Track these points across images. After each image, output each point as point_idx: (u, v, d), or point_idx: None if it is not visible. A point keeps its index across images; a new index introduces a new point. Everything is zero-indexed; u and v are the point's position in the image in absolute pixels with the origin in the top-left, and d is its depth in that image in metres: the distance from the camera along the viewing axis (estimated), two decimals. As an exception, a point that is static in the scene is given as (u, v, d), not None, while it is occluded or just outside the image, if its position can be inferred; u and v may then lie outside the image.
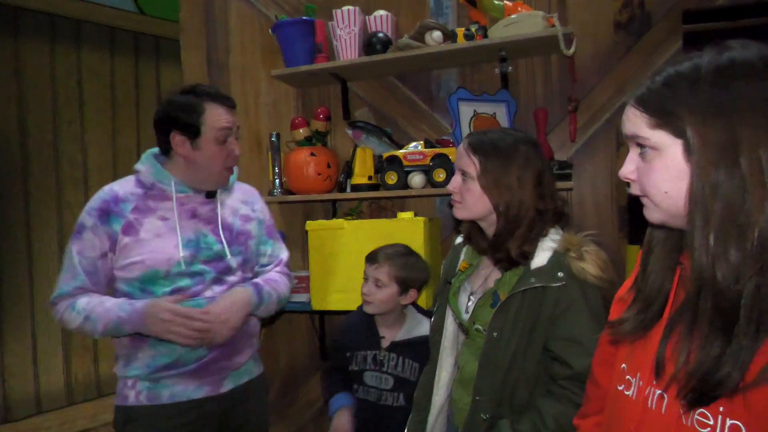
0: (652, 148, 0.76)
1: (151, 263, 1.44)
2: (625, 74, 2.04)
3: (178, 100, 1.49)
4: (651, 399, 0.80)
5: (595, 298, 1.25)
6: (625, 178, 0.83)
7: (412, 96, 2.34)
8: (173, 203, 1.50)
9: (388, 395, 1.74)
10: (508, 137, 1.34)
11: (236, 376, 1.59)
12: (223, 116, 1.49)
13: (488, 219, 1.36)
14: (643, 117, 0.77)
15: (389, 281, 1.72)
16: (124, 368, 1.50)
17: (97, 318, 1.43)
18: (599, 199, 2.09)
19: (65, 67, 3.87)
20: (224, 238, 1.55)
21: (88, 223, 1.46)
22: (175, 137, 1.48)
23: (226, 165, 1.53)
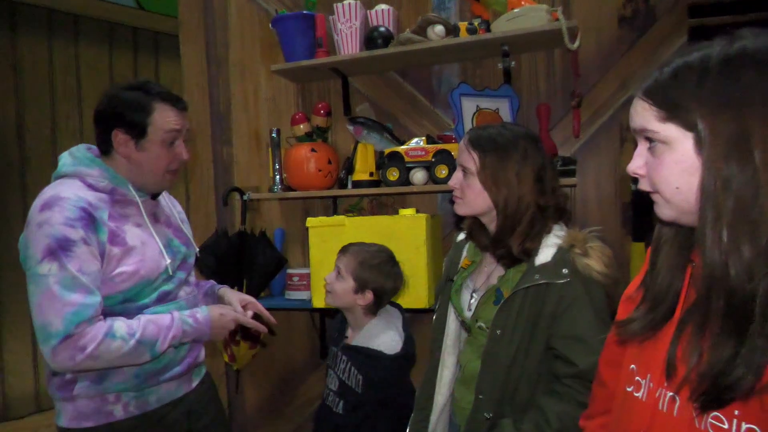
0: (661, 141, 0.74)
1: (144, 272, 1.36)
2: (628, 69, 2.01)
3: (125, 96, 1.37)
4: (662, 401, 0.78)
5: (599, 295, 1.23)
6: (634, 174, 0.81)
7: (413, 91, 2.32)
8: (141, 209, 1.42)
9: (333, 397, 1.69)
10: (507, 132, 1.32)
11: (199, 370, 1.60)
12: (173, 117, 1.39)
13: (489, 215, 1.34)
14: (651, 110, 0.75)
15: (346, 274, 1.67)
16: (95, 386, 1.34)
17: (152, 339, 1.30)
18: (603, 195, 2.07)
19: (63, 62, 3.85)
20: (186, 240, 1.55)
21: (76, 236, 1.25)
22: (118, 135, 1.36)
23: (170, 168, 1.43)
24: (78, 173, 1.36)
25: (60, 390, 1.36)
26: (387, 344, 1.62)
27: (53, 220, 1.25)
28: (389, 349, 1.61)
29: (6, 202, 3.57)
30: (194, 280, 1.62)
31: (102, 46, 4.03)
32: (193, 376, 1.56)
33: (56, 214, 1.25)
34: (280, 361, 2.60)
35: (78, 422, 1.35)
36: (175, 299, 1.46)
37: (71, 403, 1.35)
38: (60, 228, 1.24)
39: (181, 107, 1.43)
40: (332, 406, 1.67)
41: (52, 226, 1.24)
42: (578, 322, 1.21)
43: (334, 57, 2.18)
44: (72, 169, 1.36)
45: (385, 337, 1.63)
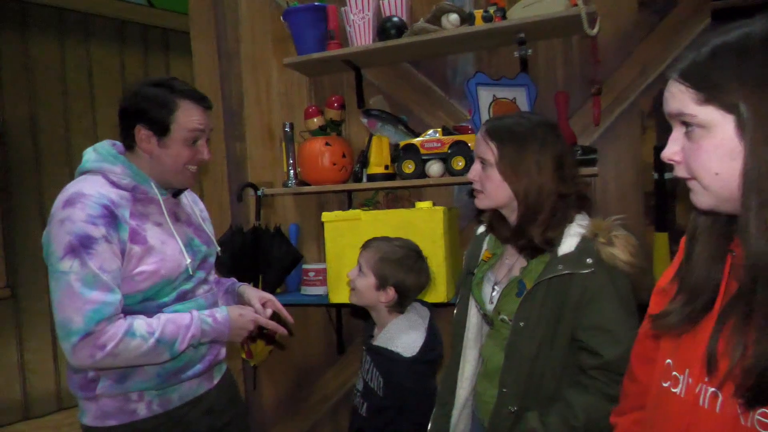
0: (699, 125, 0.71)
1: (165, 272, 1.36)
2: (649, 54, 1.96)
3: (149, 92, 1.37)
4: (703, 397, 0.74)
5: (624, 285, 1.20)
6: (669, 160, 0.77)
7: (427, 82, 2.28)
8: (162, 207, 1.42)
9: (358, 398, 1.64)
10: (524, 121, 1.30)
11: (220, 367, 1.59)
12: (196, 116, 1.39)
13: (510, 206, 1.32)
14: (688, 92, 0.71)
15: (367, 270, 1.60)
16: (118, 385, 1.34)
17: (171, 338, 1.29)
18: (624, 185, 2.03)
19: (75, 61, 3.86)
20: (207, 239, 1.54)
21: (98, 233, 1.24)
22: (141, 131, 1.36)
23: (190, 166, 1.43)
24: (101, 169, 1.36)
25: (82, 389, 1.36)
26: (406, 346, 1.54)
27: (75, 217, 1.25)
28: (407, 351, 1.54)
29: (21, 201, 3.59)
30: (214, 279, 1.61)
31: (113, 44, 4.04)
32: (214, 373, 1.55)
33: (78, 211, 1.25)
34: (297, 357, 2.59)
35: (102, 421, 1.36)
36: (193, 297, 1.45)
37: (94, 403, 1.36)
38: (82, 225, 1.24)
39: (206, 106, 1.43)
40: (358, 407, 1.63)
41: (74, 223, 1.24)
42: (603, 312, 1.18)
43: (346, 49, 2.15)
44: (96, 165, 1.37)
45: (406, 338, 1.56)
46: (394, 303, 1.61)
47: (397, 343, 1.55)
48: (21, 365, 3.59)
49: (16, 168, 3.60)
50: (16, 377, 3.56)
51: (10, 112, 3.58)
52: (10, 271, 3.49)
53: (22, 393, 3.58)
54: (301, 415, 2.61)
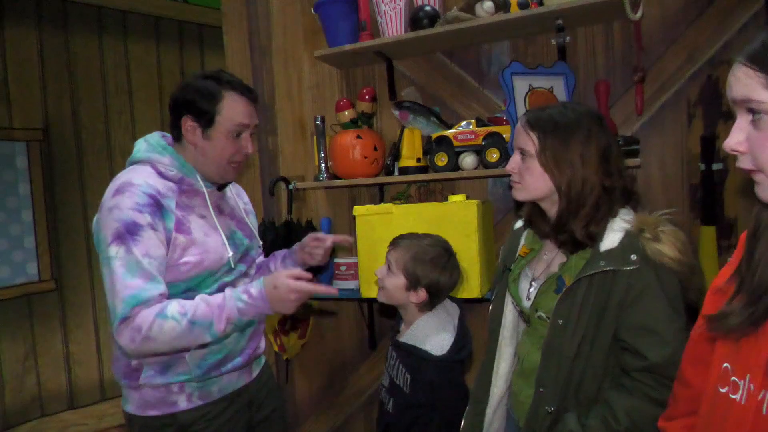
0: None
1: (208, 264, 1.37)
2: (696, 40, 1.86)
3: (197, 84, 1.39)
4: (766, 405, 0.69)
5: (671, 283, 1.13)
6: (733, 151, 0.71)
7: (461, 73, 2.23)
8: (207, 200, 1.43)
9: (384, 393, 1.61)
10: (568, 112, 1.24)
11: (259, 361, 1.61)
12: (242, 109, 1.39)
13: (550, 199, 1.26)
14: (757, 77, 0.65)
15: (397, 269, 1.55)
16: (160, 376, 1.37)
17: (205, 318, 1.26)
18: (668, 177, 1.94)
19: (113, 58, 3.94)
20: (249, 232, 1.55)
21: (144, 221, 1.27)
22: (187, 122, 1.38)
23: (234, 160, 1.43)
24: (150, 160, 1.39)
25: (126, 378, 1.40)
26: (435, 344, 1.50)
27: (123, 204, 1.28)
28: (437, 350, 1.49)
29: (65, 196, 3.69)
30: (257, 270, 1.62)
31: (149, 41, 4.10)
32: (254, 367, 1.57)
33: (126, 199, 1.28)
34: (330, 351, 2.58)
35: (144, 410, 1.39)
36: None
37: (137, 392, 1.39)
38: (129, 213, 1.27)
39: (252, 98, 1.43)
40: (385, 403, 1.61)
41: (122, 210, 1.27)
42: (649, 312, 1.12)
43: (378, 40, 2.11)
44: (145, 156, 1.40)
45: (436, 336, 1.52)
46: (425, 303, 1.57)
47: (427, 342, 1.52)
48: (66, 356, 3.70)
49: (60, 164, 3.70)
50: (61, 368, 3.68)
51: (53, 109, 3.68)
52: (54, 264, 3.61)
53: (67, 383, 3.70)
54: (335, 409, 2.61)
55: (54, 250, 3.60)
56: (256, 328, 1.55)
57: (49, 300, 3.62)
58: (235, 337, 1.45)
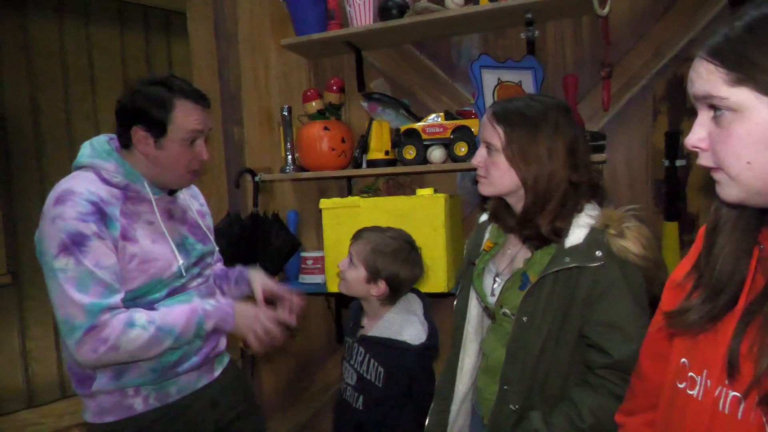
0: (730, 109, 0.64)
1: (155, 272, 1.33)
2: (663, 36, 1.87)
3: (146, 91, 1.33)
4: (723, 401, 0.68)
5: (636, 279, 1.13)
6: (694, 148, 0.70)
7: (430, 65, 2.20)
8: (153, 206, 1.38)
9: (351, 391, 1.59)
10: (536, 104, 1.22)
11: (221, 359, 1.57)
12: (195, 116, 1.35)
13: (516, 194, 1.24)
14: (719, 72, 0.64)
15: (358, 262, 1.55)
16: (113, 381, 1.33)
17: (173, 324, 1.27)
18: (633, 172, 1.95)
19: (74, 43, 3.80)
20: (203, 237, 1.51)
21: (89, 230, 1.23)
22: (138, 132, 1.32)
23: (190, 168, 1.39)
24: (94, 165, 1.34)
25: (79, 387, 1.37)
26: (411, 334, 1.52)
27: (66, 215, 1.23)
28: (414, 340, 1.51)
29: (22, 185, 3.55)
30: (213, 272, 1.59)
31: (113, 26, 3.97)
32: (215, 365, 1.53)
33: (68, 209, 1.24)
34: (297, 347, 2.55)
35: (100, 417, 1.36)
36: (185, 291, 1.42)
37: (92, 399, 1.36)
38: (73, 223, 1.23)
39: (205, 104, 1.39)
40: (351, 402, 1.58)
41: (65, 221, 1.23)
42: (614, 308, 1.12)
43: (346, 29, 2.07)
44: (89, 161, 1.35)
45: (409, 327, 1.52)
46: (386, 295, 1.56)
47: (401, 333, 1.52)
48: (23, 353, 3.58)
49: (17, 152, 3.55)
50: (18, 365, 3.55)
51: (10, 95, 3.53)
52: (11, 257, 3.47)
53: (24, 381, 3.57)
54: (302, 405, 2.58)
55: (11, 243, 3.46)
56: None
57: (5, 294, 3.48)
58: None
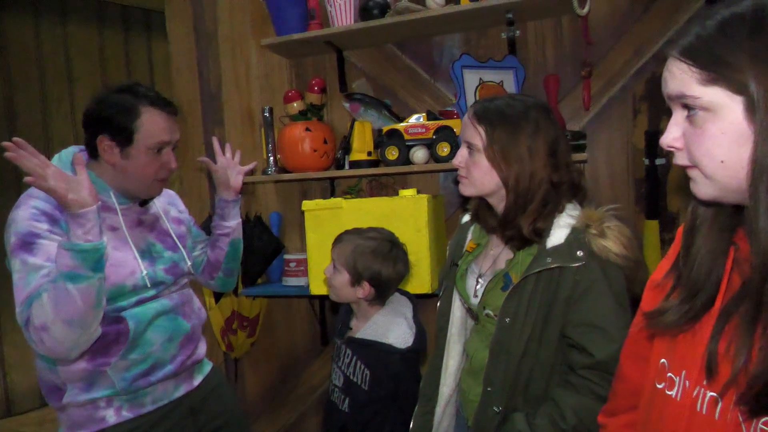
0: (703, 108, 0.63)
1: (116, 279, 1.30)
2: (643, 36, 1.89)
3: (111, 99, 1.30)
4: (701, 402, 0.68)
5: (617, 278, 1.13)
6: (669, 147, 0.70)
7: (412, 65, 2.19)
8: (119, 216, 1.36)
9: (338, 393, 1.58)
10: (516, 103, 1.21)
11: (201, 368, 1.54)
12: (162, 125, 1.33)
13: (497, 194, 1.24)
14: (692, 71, 0.64)
15: (340, 266, 1.53)
16: (85, 393, 1.31)
17: (56, 271, 1.15)
18: (614, 171, 1.97)
19: (51, 43, 3.73)
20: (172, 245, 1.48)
21: (40, 229, 1.22)
22: (103, 141, 1.30)
23: (158, 177, 1.37)
24: None
25: (50, 399, 1.35)
26: (398, 337, 1.50)
27: (19, 217, 1.24)
28: (400, 343, 1.49)
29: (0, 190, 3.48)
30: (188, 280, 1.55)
31: (91, 25, 3.90)
32: (194, 374, 1.50)
33: (21, 211, 1.25)
34: (281, 349, 2.53)
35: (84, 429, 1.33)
36: (156, 298, 1.39)
37: (64, 413, 1.34)
38: (25, 224, 1.23)
39: (172, 112, 1.36)
40: (338, 403, 1.57)
41: (18, 223, 1.23)
42: (595, 308, 1.12)
43: (327, 29, 2.06)
44: None
45: (396, 330, 1.51)
46: (374, 297, 1.54)
47: (388, 335, 1.50)
48: (2, 360, 3.50)
49: (-9, 155, 3.48)
50: (-4, 372, 3.49)
51: (-17, 96, 3.46)
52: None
53: (3, 389, 3.50)
54: (287, 407, 2.56)
55: (-14, 247, 3.40)
56: (187, 335, 1.46)
57: (-19, 300, 3.41)
58: (161, 344, 1.38)
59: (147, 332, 1.36)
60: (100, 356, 1.31)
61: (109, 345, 1.31)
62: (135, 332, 1.33)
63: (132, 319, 1.33)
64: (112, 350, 1.31)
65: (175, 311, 1.43)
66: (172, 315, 1.42)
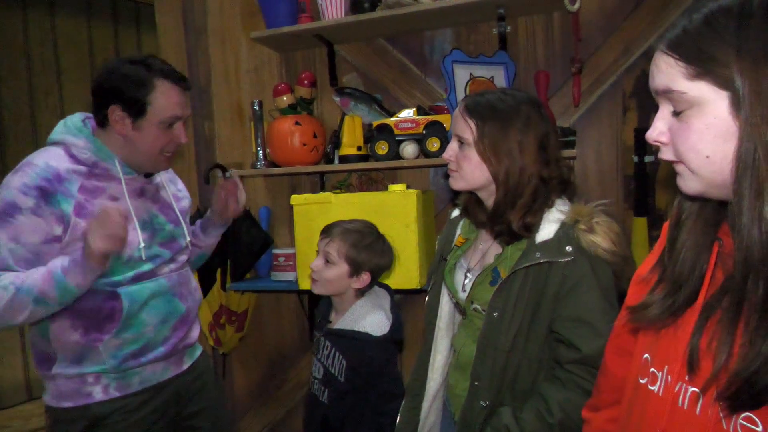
0: (689, 103, 0.63)
1: None
2: (633, 32, 1.89)
3: (124, 69, 1.29)
4: (682, 397, 0.68)
5: (605, 274, 1.13)
6: (655, 142, 0.69)
7: (403, 59, 2.18)
8: (122, 186, 1.36)
9: (318, 385, 1.59)
10: (508, 98, 1.21)
11: (192, 352, 1.55)
12: (175, 99, 1.32)
13: (487, 189, 1.24)
14: (678, 66, 0.63)
15: (339, 259, 1.54)
16: (74, 366, 1.33)
17: (32, 285, 1.20)
18: (604, 168, 1.97)
19: (39, 35, 3.69)
20: (174, 218, 1.48)
21: (25, 204, 1.22)
22: (115, 112, 1.29)
23: (165, 152, 1.37)
24: (64, 141, 1.33)
25: (40, 367, 1.36)
26: (374, 325, 1.52)
27: (12, 183, 1.24)
28: (376, 331, 1.51)
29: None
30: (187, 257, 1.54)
31: (80, 17, 3.86)
32: (185, 358, 1.50)
33: (17, 178, 1.24)
34: (269, 344, 2.51)
35: (57, 401, 1.35)
36: (154, 278, 1.39)
37: (52, 382, 1.35)
38: (13, 192, 1.23)
39: (185, 86, 1.36)
40: (318, 395, 1.58)
41: (8, 189, 1.24)
42: (583, 303, 1.12)
43: (317, 23, 2.04)
44: (59, 137, 1.33)
45: (372, 318, 1.53)
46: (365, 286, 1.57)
47: (364, 324, 1.52)
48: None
49: (-22, 147, 3.44)
50: (-18, 367, 3.45)
51: (-30, 88, 3.41)
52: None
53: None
54: (276, 403, 2.55)
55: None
56: (182, 317, 1.46)
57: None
58: (154, 326, 1.38)
59: (141, 313, 1.36)
60: (93, 331, 1.32)
61: (103, 321, 1.32)
62: (128, 312, 1.33)
63: (127, 297, 1.33)
64: (105, 327, 1.32)
65: (172, 292, 1.43)
66: (168, 296, 1.42)
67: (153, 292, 1.38)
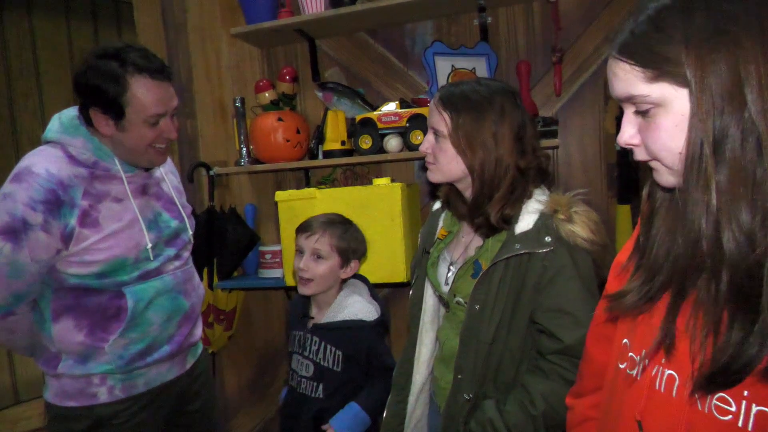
0: (654, 104, 0.63)
1: (119, 252, 1.28)
2: (612, 21, 1.89)
3: (98, 66, 1.22)
4: (659, 380, 0.69)
5: (585, 263, 1.13)
6: (627, 145, 0.70)
7: (385, 53, 2.17)
8: (125, 184, 1.32)
9: (307, 383, 1.59)
10: (482, 89, 1.20)
11: (194, 350, 1.54)
12: (153, 96, 1.23)
13: (464, 181, 1.23)
14: (635, 71, 0.63)
15: (330, 252, 1.55)
16: (79, 366, 1.31)
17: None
18: (587, 156, 1.98)
19: (16, 35, 3.62)
20: (177, 214, 1.46)
21: (35, 221, 1.18)
22: (96, 114, 1.24)
23: (155, 145, 1.31)
24: (61, 141, 1.28)
25: (45, 365, 1.35)
26: (365, 312, 1.56)
27: (18, 196, 1.19)
28: (368, 317, 1.55)
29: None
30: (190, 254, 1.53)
31: (58, 17, 3.79)
32: (188, 357, 1.49)
33: (22, 191, 1.19)
34: (259, 342, 2.51)
35: (61, 400, 1.33)
36: (158, 276, 1.37)
37: (57, 380, 1.34)
38: (22, 208, 1.19)
39: (164, 77, 1.26)
40: (309, 393, 1.57)
41: (16, 203, 1.19)
42: (564, 293, 1.12)
43: (297, 17, 2.03)
44: (56, 136, 1.28)
45: (360, 306, 1.57)
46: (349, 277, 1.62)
47: (355, 312, 1.54)
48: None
49: (-42, 151, 3.38)
50: (-34, 371, 3.41)
51: (-54, 91, 3.35)
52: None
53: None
54: (266, 400, 2.54)
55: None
56: (186, 314, 1.44)
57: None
58: (160, 324, 1.37)
59: (146, 312, 1.34)
60: (99, 331, 1.30)
61: (108, 321, 1.31)
62: (134, 311, 1.32)
63: (132, 297, 1.31)
64: (111, 327, 1.31)
65: (177, 289, 1.41)
66: (173, 293, 1.40)
67: (158, 290, 1.36)
